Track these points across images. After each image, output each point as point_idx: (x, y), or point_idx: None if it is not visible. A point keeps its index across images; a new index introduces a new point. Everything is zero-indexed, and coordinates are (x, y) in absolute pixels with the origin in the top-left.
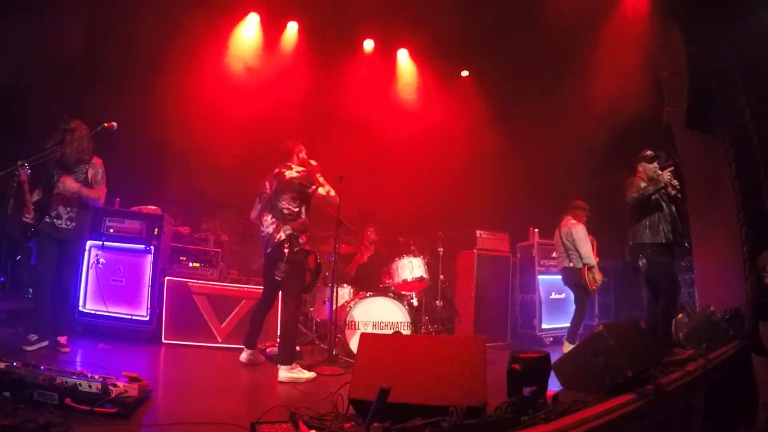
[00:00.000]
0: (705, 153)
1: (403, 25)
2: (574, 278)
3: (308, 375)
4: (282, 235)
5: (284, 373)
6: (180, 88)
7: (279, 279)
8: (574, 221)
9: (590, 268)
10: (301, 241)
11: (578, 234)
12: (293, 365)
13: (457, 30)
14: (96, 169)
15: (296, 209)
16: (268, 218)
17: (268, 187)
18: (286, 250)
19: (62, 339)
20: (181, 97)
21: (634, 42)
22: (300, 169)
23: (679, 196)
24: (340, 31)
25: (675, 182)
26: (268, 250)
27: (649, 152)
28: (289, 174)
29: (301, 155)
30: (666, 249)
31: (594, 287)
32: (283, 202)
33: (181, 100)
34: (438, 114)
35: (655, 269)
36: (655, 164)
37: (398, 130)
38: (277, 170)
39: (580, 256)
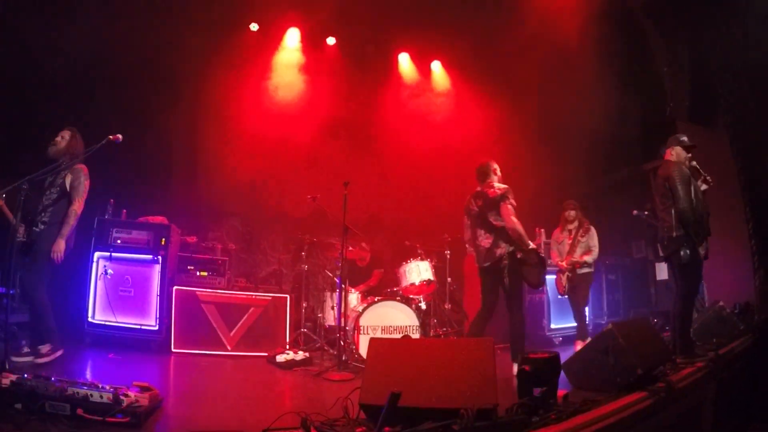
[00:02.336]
0: (709, 147)
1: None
2: None
3: None
4: (503, 251)
5: None
6: (186, 97)
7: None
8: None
9: (558, 271)
10: (518, 257)
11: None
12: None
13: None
14: (77, 174)
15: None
16: (482, 233)
17: (474, 205)
18: (504, 264)
19: (43, 349)
20: (187, 106)
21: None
22: (502, 186)
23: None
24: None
25: (709, 178)
26: (486, 264)
27: (685, 138)
28: (491, 192)
29: (497, 173)
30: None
31: (560, 290)
32: (491, 219)
33: (187, 110)
34: (443, 117)
35: (691, 263)
36: (690, 155)
37: (404, 135)
38: (479, 189)
39: None
